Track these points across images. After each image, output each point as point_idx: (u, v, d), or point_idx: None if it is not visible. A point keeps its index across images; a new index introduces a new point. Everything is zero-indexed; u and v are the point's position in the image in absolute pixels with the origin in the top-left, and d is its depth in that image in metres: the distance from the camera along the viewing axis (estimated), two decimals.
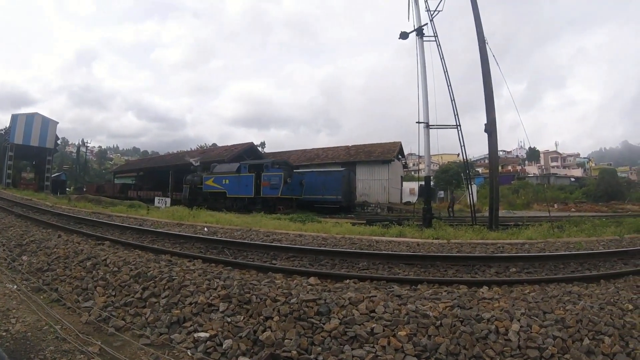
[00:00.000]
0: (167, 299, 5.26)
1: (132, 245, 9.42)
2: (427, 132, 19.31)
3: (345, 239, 11.71)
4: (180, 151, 71.81)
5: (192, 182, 34.48)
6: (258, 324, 4.49)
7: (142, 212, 21.24)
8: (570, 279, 7.22)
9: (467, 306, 4.92)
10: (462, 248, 10.76)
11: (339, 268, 8.09)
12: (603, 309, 5.11)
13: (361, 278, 6.73)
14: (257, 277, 6.35)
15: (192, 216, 18.78)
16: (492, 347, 4.12)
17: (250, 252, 9.24)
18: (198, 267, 6.85)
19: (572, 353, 4.09)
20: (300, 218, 19.58)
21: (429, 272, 7.90)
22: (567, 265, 8.69)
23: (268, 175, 29.95)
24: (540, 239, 12.57)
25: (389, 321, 4.40)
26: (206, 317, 4.76)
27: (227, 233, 12.90)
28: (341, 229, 14.20)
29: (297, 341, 4.15)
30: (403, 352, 4.02)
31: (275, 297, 4.94)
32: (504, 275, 7.87)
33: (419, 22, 19.87)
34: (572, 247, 11.14)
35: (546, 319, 4.63)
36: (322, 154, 46.63)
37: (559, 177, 78.24)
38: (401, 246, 10.86)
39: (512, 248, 10.93)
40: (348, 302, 4.81)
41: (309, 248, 9.52)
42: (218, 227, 14.76)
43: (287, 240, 11.40)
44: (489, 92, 18.10)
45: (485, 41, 18.18)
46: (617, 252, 9.73)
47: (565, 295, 5.88)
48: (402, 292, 5.60)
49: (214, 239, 10.71)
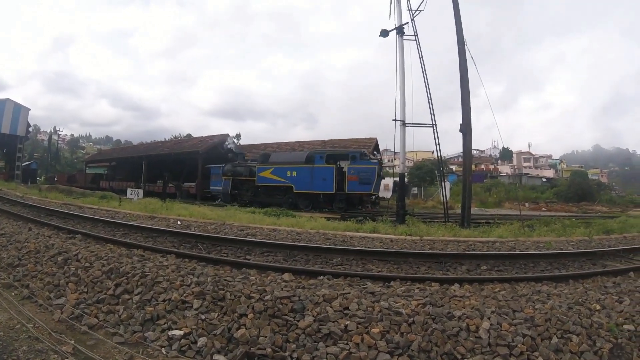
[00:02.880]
0: (140, 296, 5.20)
1: (103, 239, 9.28)
2: (403, 130, 19.49)
3: (320, 235, 11.74)
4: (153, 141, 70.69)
5: (235, 173, 29.90)
6: (232, 322, 4.48)
7: (114, 204, 20.86)
8: (539, 278, 7.38)
9: (438, 304, 5.02)
10: (435, 245, 10.90)
11: (313, 264, 8.12)
12: (571, 308, 5.27)
13: (335, 274, 6.76)
14: (231, 273, 6.33)
15: (165, 209, 18.57)
16: (463, 344, 4.20)
17: (224, 247, 9.20)
18: (171, 262, 6.77)
19: (541, 351, 4.21)
20: (274, 212, 19.51)
21: (401, 269, 8.01)
22: (536, 264, 8.87)
23: (357, 168, 25.17)
24: (510, 238, 12.80)
25: (362, 318, 4.45)
26: (180, 315, 4.73)
27: (200, 227, 12.83)
28: (315, 224, 14.23)
29: (271, 338, 4.16)
30: (376, 349, 4.07)
31: (249, 294, 4.93)
32: (475, 273, 8.02)
33: (400, 21, 20.00)
34: (542, 246, 11.35)
35: (516, 317, 4.75)
36: (298, 147, 46.13)
37: (530, 177, 79.46)
38: (375, 242, 10.95)
39: (483, 246, 11.12)
40: (322, 299, 4.85)
41: (283, 243, 9.53)
42: (191, 220, 14.64)
43: (261, 235, 11.40)
44: (466, 94, 18.30)
45: (464, 43, 18.33)
46: (586, 253, 9.97)
47: (534, 294, 6.02)
48: (375, 289, 5.68)
49: (188, 233, 10.64)
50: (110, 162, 56.99)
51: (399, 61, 19.78)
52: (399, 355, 4.03)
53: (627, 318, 5.22)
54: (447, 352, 4.10)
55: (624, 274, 7.96)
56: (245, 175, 29.25)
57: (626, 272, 8.02)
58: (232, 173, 29.95)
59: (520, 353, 4.16)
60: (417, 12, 20.07)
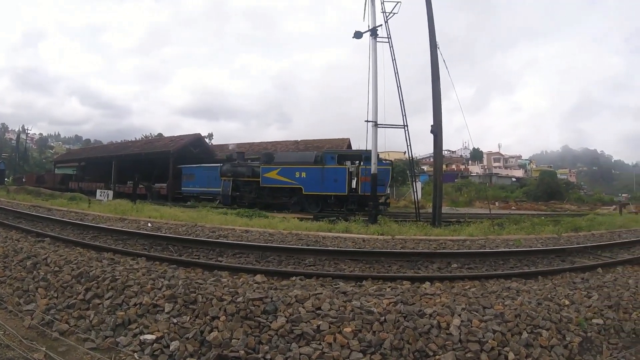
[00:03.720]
0: (110, 300, 5.12)
1: (73, 242, 9.06)
2: (375, 131, 19.62)
3: (292, 235, 11.74)
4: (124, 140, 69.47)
5: (236, 173, 28.13)
6: (205, 325, 4.44)
7: (83, 206, 20.43)
8: (509, 275, 7.51)
9: (410, 302, 5.07)
10: (406, 244, 11.00)
11: (286, 265, 8.11)
12: (540, 304, 5.38)
13: (308, 275, 6.77)
14: (203, 276, 6.28)
15: (136, 210, 18.27)
16: (435, 341, 4.25)
17: (196, 249, 9.10)
18: (142, 265, 6.68)
19: (511, 346, 4.29)
20: (247, 213, 19.41)
21: (373, 268, 8.06)
22: (506, 261, 9.00)
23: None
24: (481, 236, 13.01)
25: (334, 318, 4.46)
26: (152, 319, 4.67)
27: (171, 229, 12.66)
28: (288, 225, 14.21)
29: (244, 341, 4.14)
30: (349, 349, 4.09)
31: (221, 296, 4.90)
32: (445, 271, 8.12)
33: (374, 23, 20.06)
34: (511, 244, 11.57)
35: (486, 313, 4.83)
36: (271, 147, 45.85)
37: (500, 177, 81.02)
38: (347, 242, 11.00)
39: (454, 244, 11.24)
40: (294, 299, 4.84)
41: (256, 244, 9.47)
42: (162, 222, 14.47)
43: (234, 237, 11.34)
44: (437, 96, 18.51)
45: (437, 46, 18.55)
46: (554, 250, 10.20)
47: (504, 291, 6.12)
48: (347, 289, 5.70)
49: (158, 235, 10.51)
50: (80, 163, 55.65)
51: (372, 63, 19.89)
52: (371, 354, 4.06)
53: (595, 312, 5.37)
54: (418, 350, 4.15)
55: (592, 270, 8.14)
56: (248, 175, 27.66)
57: (594, 268, 8.22)
58: (233, 174, 28.18)
59: (491, 349, 4.22)
60: (391, 14, 20.22)
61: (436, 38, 18.61)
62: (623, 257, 9.61)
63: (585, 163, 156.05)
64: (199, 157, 40.65)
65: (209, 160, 39.64)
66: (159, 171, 40.73)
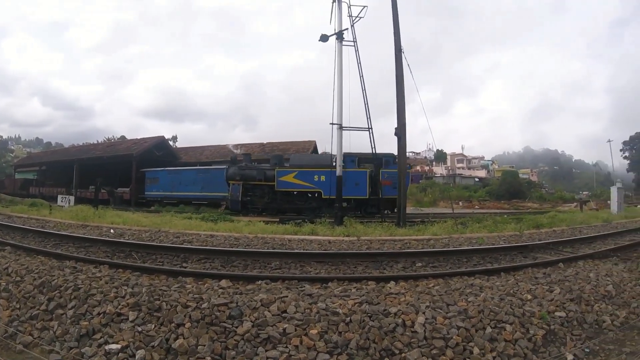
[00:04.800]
0: (74, 310, 4.99)
1: (34, 250, 8.86)
2: (340, 134, 19.75)
3: (258, 239, 11.69)
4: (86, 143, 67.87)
5: (246, 176, 26.06)
6: (170, 332, 4.38)
7: (44, 212, 19.98)
8: (472, 272, 7.64)
9: (375, 302, 5.12)
10: (372, 245, 11.10)
11: (251, 269, 8.09)
12: (503, 299, 5.50)
13: (273, 278, 6.74)
14: (167, 283, 6.21)
15: (98, 216, 17.91)
16: (400, 339, 4.32)
17: (160, 255, 8.98)
18: (105, 273, 6.54)
19: (476, 341, 4.40)
20: (212, 217, 19.22)
21: (339, 270, 8.11)
22: (469, 259, 9.18)
23: (391, 173, 23.30)
24: (444, 235, 13.20)
25: (300, 320, 4.48)
26: (116, 328, 4.57)
27: (134, 235, 12.49)
28: (254, 228, 14.09)
29: (210, 347, 4.11)
30: (315, 350, 4.11)
31: (186, 302, 4.85)
32: (410, 270, 8.23)
33: (340, 27, 20.17)
34: (474, 242, 11.78)
35: (450, 310, 4.92)
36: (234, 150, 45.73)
37: (464, 177, 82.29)
38: (313, 244, 11.04)
39: (419, 244, 11.42)
40: (260, 303, 4.83)
41: (221, 249, 9.41)
42: (125, 228, 14.21)
43: (198, 242, 11.21)
44: (401, 99, 18.67)
45: (401, 50, 18.70)
46: (517, 247, 10.41)
47: (467, 288, 6.24)
48: (313, 291, 5.71)
49: (121, 241, 10.35)
50: (41, 167, 53.98)
51: (337, 66, 20.00)
52: (338, 355, 4.09)
53: (558, 306, 5.53)
54: (384, 348, 4.20)
55: (553, 265, 8.35)
56: (260, 179, 25.72)
57: (556, 263, 8.43)
58: (242, 177, 26.10)
59: (456, 344, 4.32)
60: (357, 19, 20.42)
61: (401, 42, 18.79)
62: (584, 252, 9.87)
63: (546, 163, 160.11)
64: (162, 160, 39.83)
65: (173, 163, 39.11)
66: (121, 175, 39.79)
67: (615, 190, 28.09)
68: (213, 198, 30.37)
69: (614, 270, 7.81)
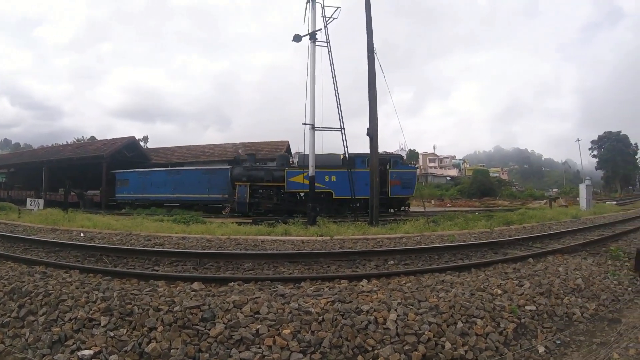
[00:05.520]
0: (45, 317, 4.91)
1: (3, 256, 8.67)
2: (313, 134, 19.76)
3: (231, 240, 11.63)
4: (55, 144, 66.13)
5: (253, 177, 25.50)
6: (142, 336, 4.34)
7: (13, 216, 19.60)
8: (443, 269, 7.74)
9: (347, 300, 5.17)
10: (345, 244, 11.13)
11: (224, 271, 8.04)
12: (474, 294, 5.61)
13: (246, 280, 6.71)
14: (138, 286, 6.12)
15: (68, 220, 17.49)
16: (373, 336, 4.36)
17: (131, 259, 8.86)
18: (75, 278, 6.45)
19: (447, 336, 4.47)
20: (184, 219, 19.03)
21: (312, 269, 8.13)
22: (441, 256, 9.33)
23: (399, 173, 25.25)
24: (416, 233, 13.34)
25: (273, 321, 4.49)
26: (88, 333, 4.51)
27: (105, 238, 12.24)
28: (226, 230, 14.03)
29: (183, 350, 4.09)
30: (289, 350, 4.12)
31: (158, 306, 4.82)
32: (383, 268, 8.28)
33: (314, 27, 20.18)
34: (446, 239, 11.91)
35: (421, 307, 5.00)
36: (209, 151, 44.79)
37: (436, 176, 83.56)
38: (286, 245, 11.00)
39: (391, 242, 11.51)
40: (232, 305, 4.83)
41: (193, 252, 9.32)
42: (95, 231, 13.96)
43: (170, 244, 11.11)
44: (373, 100, 18.78)
45: (374, 52, 18.81)
46: (487, 243, 10.59)
47: (438, 284, 6.31)
48: (285, 291, 5.71)
49: (92, 245, 10.16)
50: (9, 169, 52.28)
51: (311, 66, 20.02)
52: (311, 354, 4.11)
53: (528, 300, 5.67)
54: (357, 346, 4.24)
55: (523, 260, 8.52)
56: (268, 180, 25.28)
57: (525, 259, 8.60)
58: (248, 178, 25.49)
59: (428, 340, 4.38)
60: (331, 19, 20.50)
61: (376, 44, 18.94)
62: (554, 247, 10.06)
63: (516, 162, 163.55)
64: (133, 161, 38.90)
65: (144, 165, 38.46)
66: (91, 177, 38.82)
67: (584, 187, 28.79)
68: (185, 200, 30.13)
69: (583, 264, 8.02)
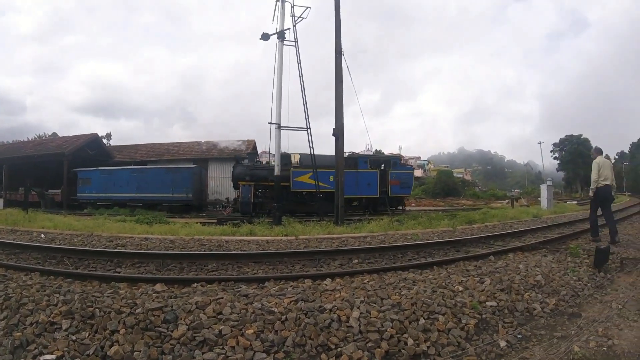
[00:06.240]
0: (6, 321, 4.77)
1: None
2: (279, 133, 19.86)
3: (194, 241, 11.54)
4: (15, 141, 63.76)
5: (257, 177, 25.32)
6: (105, 339, 4.28)
7: None
8: (406, 267, 7.85)
9: (310, 299, 5.20)
10: (310, 243, 11.23)
11: (187, 272, 7.96)
12: (435, 291, 5.73)
13: (209, 280, 6.68)
14: (100, 289, 6.03)
15: (28, 220, 17.13)
16: (336, 334, 4.41)
17: (93, 261, 8.69)
18: (36, 281, 6.34)
19: (410, 332, 4.55)
20: (147, 219, 18.77)
21: (276, 269, 8.14)
22: (404, 254, 9.45)
23: (398, 173, 27.44)
24: (381, 232, 13.52)
25: (236, 321, 4.49)
26: (50, 337, 4.40)
27: (66, 239, 12.02)
28: (190, 230, 13.94)
29: (146, 352, 4.05)
30: (252, 350, 4.12)
31: (119, 308, 4.76)
32: (347, 267, 8.35)
33: (282, 26, 20.32)
34: (409, 238, 12.09)
35: (384, 304, 5.08)
36: (173, 149, 44.15)
37: None
38: (251, 245, 10.98)
39: (356, 241, 11.63)
40: (195, 306, 4.81)
41: (155, 252, 9.23)
42: (57, 232, 13.69)
43: (132, 245, 10.97)
44: (340, 101, 18.92)
45: (342, 52, 18.92)
46: (450, 242, 10.79)
47: (401, 282, 6.42)
48: (249, 291, 5.71)
49: (52, 247, 9.95)
50: None
51: (278, 65, 20.16)
52: (275, 353, 4.13)
53: (489, 296, 5.81)
54: (321, 344, 4.28)
55: (484, 258, 8.68)
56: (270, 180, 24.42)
57: (487, 256, 8.75)
58: (252, 178, 25.30)
59: (390, 336, 4.45)
60: (300, 19, 20.66)
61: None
62: (514, 245, 10.28)
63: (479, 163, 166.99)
64: (96, 159, 38.28)
65: (107, 163, 37.82)
66: (53, 176, 37.61)
67: (545, 187, 29.63)
68: (149, 199, 29.77)
69: (543, 261, 8.22)
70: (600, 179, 10.83)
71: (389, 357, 4.27)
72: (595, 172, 10.90)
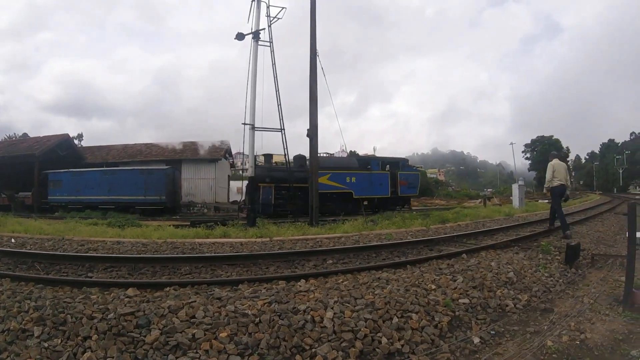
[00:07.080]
0: None
1: None
2: (253, 134, 19.85)
3: (167, 244, 11.39)
4: None
5: (276, 179, 25.26)
6: (77, 346, 4.23)
7: None
8: (380, 266, 7.92)
9: (284, 300, 5.21)
10: (284, 245, 11.21)
11: (160, 276, 7.87)
12: (409, 290, 5.81)
13: (182, 284, 6.63)
14: (71, 294, 5.95)
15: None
16: (310, 335, 4.43)
17: (64, 265, 8.53)
18: (6, 287, 6.20)
19: (383, 331, 4.61)
20: (119, 223, 18.47)
21: (251, 271, 8.10)
22: (378, 254, 9.52)
23: (406, 174, 29.21)
24: (355, 232, 13.60)
25: (209, 325, 4.47)
26: (22, 345, 4.32)
27: (37, 244, 11.74)
28: (163, 233, 13.78)
29: (119, 358, 4.01)
30: (226, 353, 4.12)
31: (91, 314, 4.69)
32: (321, 267, 8.38)
33: (258, 26, 20.30)
34: (383, 238, 12.18)
35: (357, 304, 5.12)
36: (146, 150, 43.59)
37: None
38: (225, 247, 10.94)
39: (330, 242, 11.67)
40: (167, 310, 4.77)
41: (128, 256, 9.12)
42: (27, 237, 13.35)
43: (104, 249, 10.76)
44: (314, 101, 19.01)
45: (316, 54, 19.02)
46: (423, 241, 10.90)
47: (375, 282, 6.46)
48: (222, 294, 5.68)
49: (23, 252, 9.75)
50: None
51: (252, 65, 20.17)
52: (249, 355, 4.12)
53: (461, 293, 5.91)
54: (295, 345, 4.29)
55: (457, 256, 8.79)
56: (292, 182, 24.95)
57: (459, 255, 8.87)
58: (272, 179, 25.22)
59: (364, 336, 4.50)
60: (275, 19, 20.80)
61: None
62: (487, 243, 10.38)
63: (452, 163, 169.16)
64: (67, 161, 37.44)
65: (78, 164, 37.08)
66: (23, 178, 36.80)
67: (516, 187, 30.18)
68: (121, 202, 29.38)
69: (515, 258, 8.36)
70: (556, 179, 11.71)
71: (363, 357, 4.31)
72: (549, 173, 11.84)
